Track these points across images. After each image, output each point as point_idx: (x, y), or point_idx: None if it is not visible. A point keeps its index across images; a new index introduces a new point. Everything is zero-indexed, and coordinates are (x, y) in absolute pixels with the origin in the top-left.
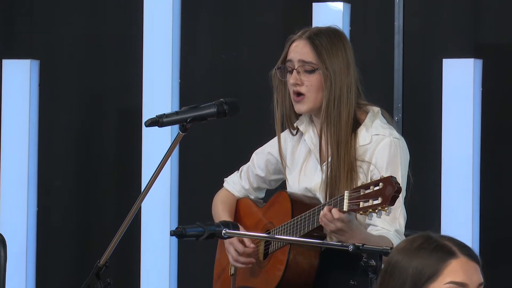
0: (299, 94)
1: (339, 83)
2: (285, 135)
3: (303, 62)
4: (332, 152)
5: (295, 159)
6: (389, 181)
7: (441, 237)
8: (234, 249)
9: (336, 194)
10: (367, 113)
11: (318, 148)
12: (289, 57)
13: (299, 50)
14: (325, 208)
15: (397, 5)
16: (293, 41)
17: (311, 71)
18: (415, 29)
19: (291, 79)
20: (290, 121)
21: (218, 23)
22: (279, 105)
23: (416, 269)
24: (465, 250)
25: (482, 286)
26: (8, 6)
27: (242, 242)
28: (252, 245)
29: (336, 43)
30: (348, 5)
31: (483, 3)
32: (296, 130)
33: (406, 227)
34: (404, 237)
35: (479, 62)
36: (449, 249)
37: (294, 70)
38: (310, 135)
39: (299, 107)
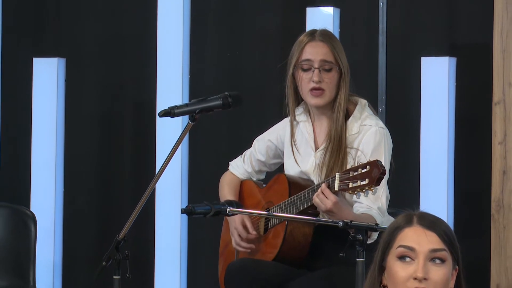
0: (319, 89)
1: (348, 79)
2: (285, 123)
3: (324, 62)
4: (330, 140)
5: (292, 145)
6: (375, 164)
7: (415, 212)
8: (237, 234)
9: (328, 177)
10: (355, 104)
11: (312, 135)
12: (308, 57)
13: (319, 50)
14: (323, 185)
15: (381, 9)
16: (307, 43)
17: (329, 70)
18: (397, 31)
19: (315, 76)
20: (293, 112)
21: (224, 25)
22: (291, 98)
23: (384, 239)
24: (422, 220)
25: (437, 252)
26: (38, 10)
27: (245, 228)
28: (254, 233)
29: (339, 42)
30: (338, 10)
31: (457, 8)
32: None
33: (390, 205)
34: (385, 214)
35: (454, 60)
36: (409, 219)
37: (316, 69)
38: (305, 124)
39: (317, 101)
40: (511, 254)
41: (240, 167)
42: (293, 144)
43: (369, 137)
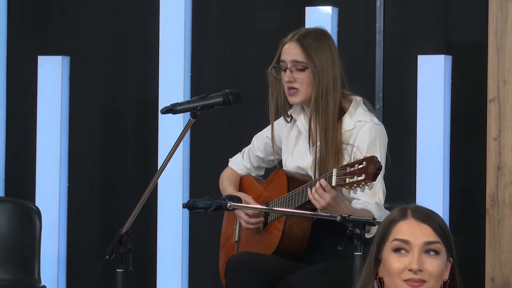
0: (292, 88)
1: (326, 77)
2: (280, 122)
3: (295, 62)
4: (321, 137)
5: (289, 142)
6: (372, 160)
7: (409, 206)
8: (244, 214)
9: (325, 173)
10: (350, 102)
11: (308, 133)
12: (282, 58)
13: (291, 51)
14: (322, 180)
15: (378, 9)
16: (284, 44)
17: (302, 69)
18: (394, 29)
19: (286, 77)
20: (284, 110)
21: (224, 24)
22: (274, 98)
23: (379, 233)
24: (417, 213)
25: (431, 245)
26: (43, 9)
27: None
28: (258, 205)
29: (322, 42)
30: (336, 9)
31: (453, 7)
32: (290, 118)
33: (387, 200)
34: (383, 209)
35: (449, 58)
36: (403, 213)
37: (288, 69)
38: (302, 122)
39: (293, 99)
40: (505, 248)
41: (240, 163)
42: (273, 144)
43: (364, 134)
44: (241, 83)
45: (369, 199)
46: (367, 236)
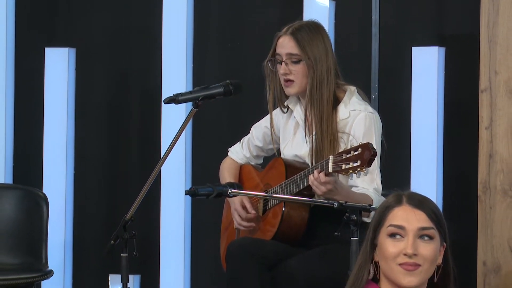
0: (288, 80)
1: (320, 69)
2: (277, 112)
3: (290, 55)
4: (317, 126)
5: (286, 132)
6: (367, 146)
7: (404, 192)
8: (238, 215)
9: (321, 160)
10: (345, 91)
11: (305, 123)
12: (277, 51)
13: (286, 44)
14: (315, 172)
15: (374, 2)
16: (279, 37)
17: (297, 62)
18: (389, 22)
19: (281, 69)
20: (281, 101)
21: (225, 17)
22: (271, 89)
23: (375, 218)
24: (411, 200)
25: (426, 230)
26: (50, 2)
27: (244, 208)
28: (253, 212)
29: (315, 34)
30: (333, 2)
31: (446, 0)
32: (286, 109)
33: (382, 187)
34: (380, 194)
35: (443, 50)
36: (399, 199)
37: (283, 62)
38: (298, 112)
39: (289, 90)
40: (497, 233)
41: (239, 152)
42: (272, 133)
43: (359, 123)
44: (241, 75)
45: (368, 185)
46: (367, 220)
